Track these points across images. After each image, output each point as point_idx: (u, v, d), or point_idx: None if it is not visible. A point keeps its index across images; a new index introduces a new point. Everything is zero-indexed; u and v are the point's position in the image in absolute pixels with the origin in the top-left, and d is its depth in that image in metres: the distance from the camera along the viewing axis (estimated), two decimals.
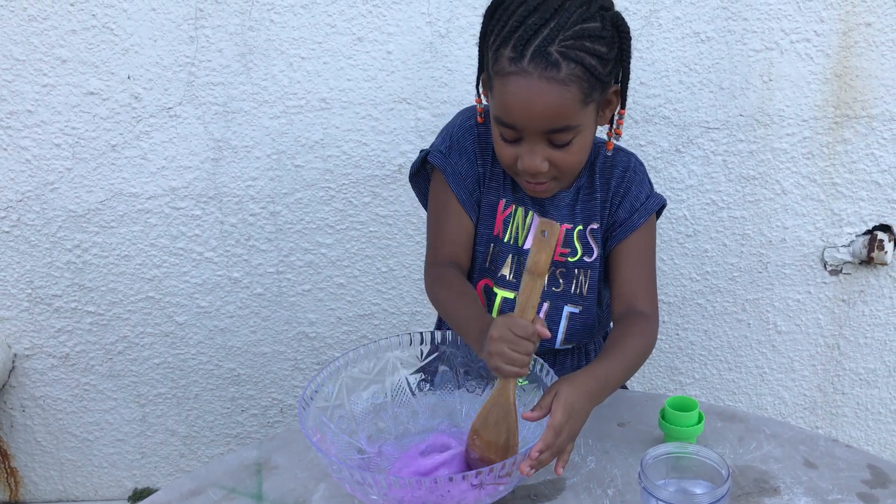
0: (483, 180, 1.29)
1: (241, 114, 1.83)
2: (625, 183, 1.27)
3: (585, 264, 1.29)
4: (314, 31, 1.77)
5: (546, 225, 1.01)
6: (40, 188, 1.87)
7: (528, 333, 1.02)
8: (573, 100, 1.09)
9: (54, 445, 2.13)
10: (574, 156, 1.16)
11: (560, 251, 1.28)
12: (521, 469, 0.98)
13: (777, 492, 1.07)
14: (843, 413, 2.10)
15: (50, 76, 1.78)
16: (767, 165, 1.87)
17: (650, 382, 2.09)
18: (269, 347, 2.05)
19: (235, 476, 1.13)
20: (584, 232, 1.28)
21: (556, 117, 1.10)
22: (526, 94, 1.09)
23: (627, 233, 1.27)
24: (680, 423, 1.14)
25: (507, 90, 1.10)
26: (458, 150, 1.28)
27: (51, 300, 1.97)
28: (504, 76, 1.10)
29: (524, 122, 1.11)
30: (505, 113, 1.12)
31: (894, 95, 1.80)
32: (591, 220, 1.28)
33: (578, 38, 1.08)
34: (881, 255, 1.88)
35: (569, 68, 1.08)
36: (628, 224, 1.27)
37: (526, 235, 1.28)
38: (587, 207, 1.28)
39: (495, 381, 1.07)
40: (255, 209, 1.91)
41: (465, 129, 1.29)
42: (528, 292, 1.03)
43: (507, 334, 1.02)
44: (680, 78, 1.80)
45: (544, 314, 1.29)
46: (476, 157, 1.28)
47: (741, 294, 1.98)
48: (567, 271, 1.29)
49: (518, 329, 1.02)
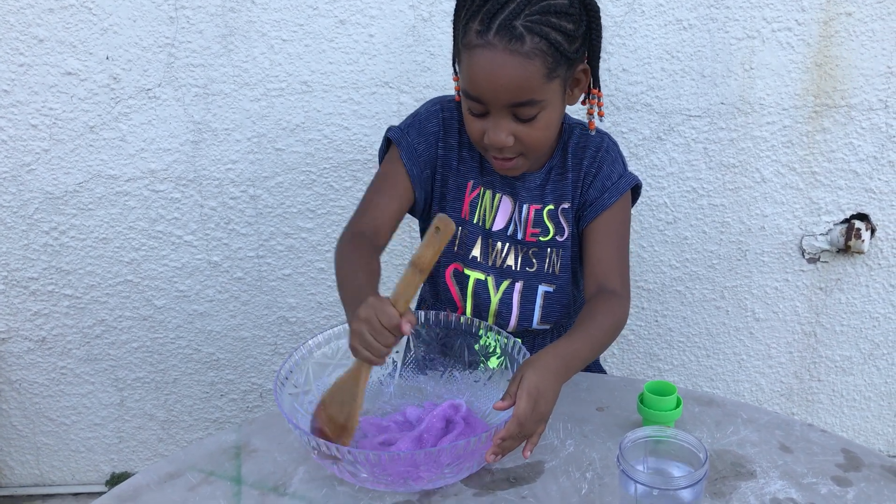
0: (443, 164, 1.30)
1: (221, 96, 1.81)
2: (597, 162, 1.28)
3: (557, 243, 1.30)
4: (296, 14, 1.75)
5: (441, 222, 1.00)
6: (16, 169, 1.85)
7: (392, 325, 1.00)
8: (537, 73, 1.11)
9: (30, 430, 2.11)
10: (539, 131, 1.17)
11: (531, 230, 1.29)
12: (486, 457, 1.00)
13: (753, 475, 1.08)
14: (818, 400, 2.13)
15: (27, 55, 1.76)
16: (747, 153, 1.88)
17: (629, 368, 2.11)
18: (248, 332, 2.04)
19: (214, 459, 1.13)
20: (556, 211, 1.30)
21: (519, 90, 1.12)
22: (490, 66, 1.10)
23: (599, 212, 1.28)
24: (658, 407, 1.15)
25: (473, 62, 1.12)
26: (417, 130, 1.29)
27: (27, 283, 1.95)
28: (471, 49, 1.12)
29: (489, 95, 1.13)
30: (471, 85, 1.14)
31: (873, 85, 1.82)
32: (562, 199, 1.30)
33: (544, 13, 1.10)
34: (858, 244, 1.90)
35: (533, 42, 1.09)
36: (599, 203, 1.28)
37: (494, 217, 1.30)
38: (558, 187, 1.30)
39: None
40: (236, 193, 1.90)
41: (430, 112, 1.31)
42: (406, 285, 1.02)
43: (373, 319, 1.01)
44: (662, 65, 1.81)
45: (518, 293, 1.30)
46: (437, 139, 1.29)
47: (720, 281, 2.00)
48: (539, 251, 1.30)
49: (384, 317, 1.00)
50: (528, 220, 1.29)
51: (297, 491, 1.06)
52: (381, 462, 0.97)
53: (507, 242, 1.30)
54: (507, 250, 1.30)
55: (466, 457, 0.99)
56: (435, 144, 1.29)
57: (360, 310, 1.02)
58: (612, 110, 1.84)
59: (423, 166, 1.29)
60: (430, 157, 1.30)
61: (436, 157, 1.30)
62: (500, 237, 1.30)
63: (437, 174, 1.30)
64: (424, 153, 1.29)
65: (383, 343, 1.01)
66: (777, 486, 1.06)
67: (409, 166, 1.28)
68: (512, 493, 1.05)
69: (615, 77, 1.81)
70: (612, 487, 1.05)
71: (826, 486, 1.06)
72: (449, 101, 1.31)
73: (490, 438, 0.99)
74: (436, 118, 1.30)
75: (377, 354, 1.02)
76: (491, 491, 1.05)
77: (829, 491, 1.05)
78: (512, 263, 1.30)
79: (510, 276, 1.31)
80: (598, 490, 1.05)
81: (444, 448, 0.96)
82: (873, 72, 1.81)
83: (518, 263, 1.30)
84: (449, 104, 1.31)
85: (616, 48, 1.79)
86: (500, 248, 1.30)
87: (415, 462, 0.98)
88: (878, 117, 1.84)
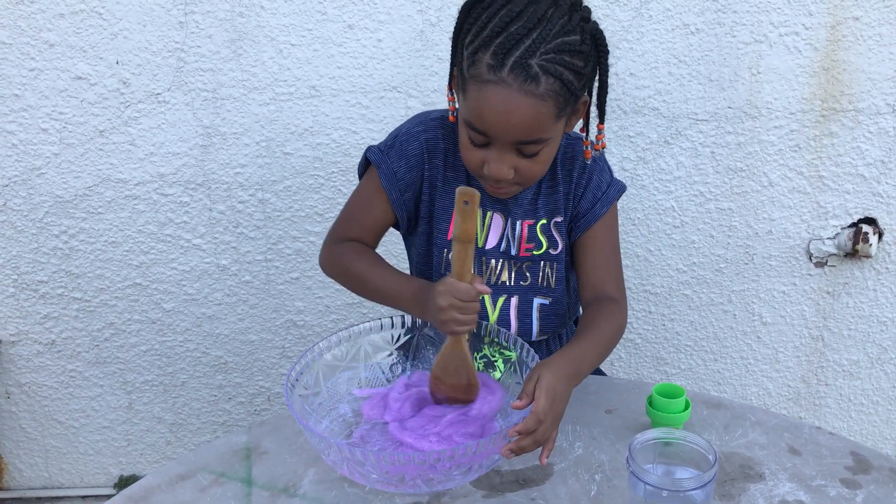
0: (429, 185, 1.28)
1: (230, 100, 1.82)
2: (586, 173, 1.28)
3: (551, 257, 1.30)
4: (305, 18, 1.76)
5: (467, 195, 1.05)
6: (27, 173, 1.86)
7: (472, 296, 1.10)
8: (548, 114, 1.09)
9: (39, 432, 2.12)
10: (540, 165, 1.17)
11: (525, 246, 1.29)
12: (502, 452, 1.00)
13: (762, 477, 1.08)
14: (826, 404, 2.12)
15: (37, 60, 1.77)
16: (755, 158, 1.88)
17: (636, 372, 2.11)
18: (256, 335, 2.04)
19: (224, 461, 1.13)
20: (549, 226, 1.29)
21: (530, 130, 1.10)
22: (504, 105, 1.07)
23: (591, 223, 1.28)
24: (667, 409, 1.15)
25: (484, 98, 1.08)
26: (398, 152, 1.27)
27: (37, 286, 1.96)
28: (481, 83, 1.08)
29: (497, 132, 1.11)
30: (479, 120, 1.11)
31: (881, 89, 1.82)
32: (555, 213, 1.29)
33: (559, 52, 1.06)
34: (866, 248, 1.90)
35: (548, 83, 1.06)
36: (591, 214, 1.28)
37: (487, 235, 1.29)
38: (550, 201, 1.29)
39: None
40: (244, 196, 1.90)
41: (411, 134, 1.28)
42: (462, 258, 1.09)
43: (455, 302, 1.10)
44: (669, 70, 1.81)
45: (515, 308, 1.30)
46: (418, 162, 1.27)
47: (727, 285, 2.00)
48: (533, 265, 1.30)
49: (462, 295, 1.09)
50: (522, 236, 1.28)
51: (308, 492, 1.07)
52: (394, 462, 0.97)
53: (501, 259, 1.30)
54: (500, 267, 1.30)
55: (477, 457, 1.00)
56: (418, 167, 1.27)
57: (439, 301, 1.10)
58: (619, 114, 1.84)
59: (404, 189, 1.28)
60: (413, 179, 1.28)
61: (420, 179, 1.28)
62: (493, 255, 1.29)
63: (422, 195, 1.29)
64: (405, 176, 1.27)
65: (472, 312, 1.11)
66: (786, 488, 1.06)
67: (389, 189, 1.27)
68: (521, 494, 1.06)
69: (622, 81, 1.82)
70: (622, 489, 1.06)
71: (835, 489, 1.06)
72: (433, 120, 1.28)
73: (505, 437, 0.99)
74: (417, 140, 1.27)
75: (471, 323, 1.12)
76: (500, 493, 1.06)
77: (838, 493, 1.05)
78: (506, 279, 1.30)
79: (505, 292, 1.30)
80: (608, 492, 1.06)
81: (457, 448, 0.97)
82: (881, 76, 1.81)
83: (512, 278, 1.30)
84: (433, 123, 1.28)
85: (623, 52, 1.80)
86: (494, 266, 1.30)
87: (428, 463, 0.98)
88: (885, 121, 1.84)
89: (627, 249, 1.96)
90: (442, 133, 1.27)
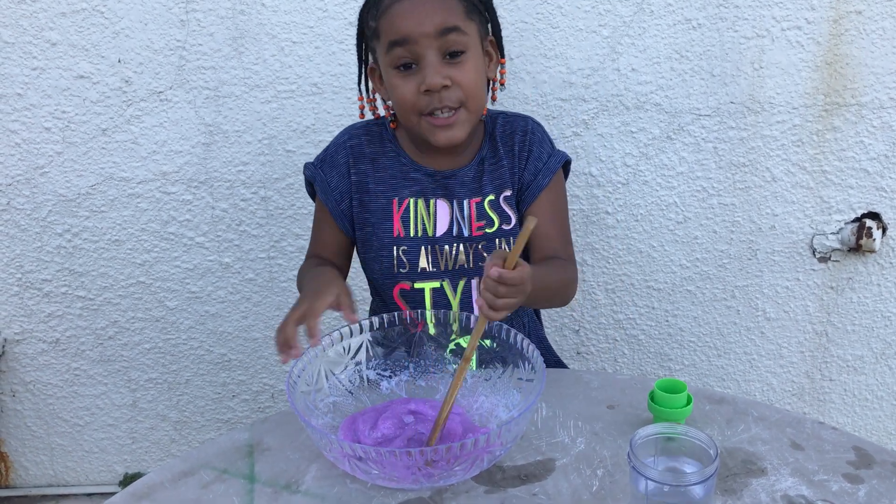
0: (358, 190, 1.33)
1: (232, 98, 1.82)
2: (526, 145, 1.33)
3: (505, 232, 1.33)
4: (306, 16, 1.76)
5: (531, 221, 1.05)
6: (30, 172, 1.86)
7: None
8: (456, 5, 1.20)
9: (45, 430, 2.13)
10: (470, 73, 1.22)
11: (476, 224, 1.31)
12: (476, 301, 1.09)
13: (764, 472, 1.08)
14: (830, 399, 2.12)
15: (39, 59, 1.77)
16: (757, 153, 1.87)
17: (639, 368, 2.11)
18: (260, 333, 2.05)
19: (227, 457, 1.14)
20: (497, 201, 1.32)
21: (444, 16, 1.18)
22: (411, 5, 1.18)
23: (536, 194, 1.32)
24: (669, 404, 1.15)
25: (393, 13, 1.19)
26: (329, 163, 1.34)
27: (41, 285, 1.96)
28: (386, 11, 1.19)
29: (415, 28, 1.18)
30: (396, 31, 1.19)
31: (884, 83, 1.81)
32: (502, 187, 1.33)
33: None
34: (869, 243, 1.89)
35: None
36: (535, 185, 1.32)
37: (434, 223, 1.31)
38: (496, 176, 1.32)
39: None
40: (247, 194, 1.91)
41: (338, 144, 1.35)
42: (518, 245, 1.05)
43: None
44: (671, 65, 1.81)
45: (476, 289, 1.32)
46: (348, 168, 1.33)
47: (730, 281, 1.99)
48: (489, 243, 1.32)
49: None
50: (472, 214, 1.31)
51: (310, 488, 1.07)
52: (391, 458, 0.97)
53: (455, 243, 1.32)
54: (456, 251, 1.32)
55: (476, 453, 1.00)
56: (347, 175, 1.33)
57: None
58: (621, 110, 1.84)
59: (340, 199, 1.34)
60: (345, 188, 1.33)
61: (349, 186, 1.33)
62: (446, 241, 1.32)
63: (353, 202, 1.33)
64: (339, 185, 1.33)
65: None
66: (788, 483, 1.06)
67: (325, 200, 1.34)
68: (523, 490, 1.06)
69: (624, 77, 1.82)
70: (623, 484, 1.06)
71: (837, 484, 1.06)
72: (358, 128, 1.36)
73: (502, 426, 1.00)
74: (343, 149, 1.34)
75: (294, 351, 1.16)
76: (502, 488, 1.06)
77: (841, 488, 1.05)
78: (464, 261, 1.32)
79: (465, 275, 1.32)
80: (609, 487, 1.06)
81: (455, 445, 0.97)
82: (884, 70, 1.80)
83: (470, 260, 1.32)
84: (357, 130, 1.35)
85: (625, 48, 1.79)
86: (450, 251, 1.32)
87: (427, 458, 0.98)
88: (888, 115, 1.83)
89: (630, 245, 1.96)
90: (367, 139, 1.34)
